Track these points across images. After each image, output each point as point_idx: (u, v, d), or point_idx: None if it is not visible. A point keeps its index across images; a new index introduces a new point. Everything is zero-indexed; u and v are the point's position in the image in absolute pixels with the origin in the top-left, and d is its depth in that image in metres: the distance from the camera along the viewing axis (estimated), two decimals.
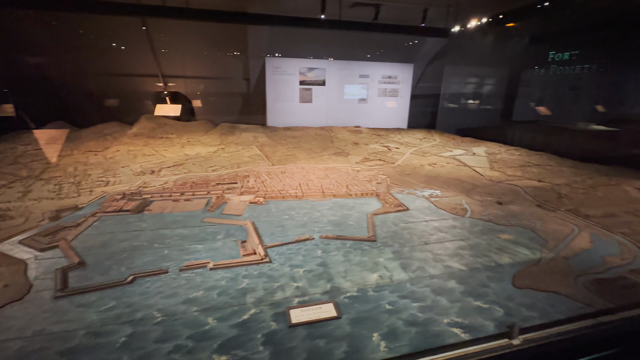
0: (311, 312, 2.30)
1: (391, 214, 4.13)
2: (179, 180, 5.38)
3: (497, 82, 11.02)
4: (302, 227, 3.72)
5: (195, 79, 10.93)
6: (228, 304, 2.38)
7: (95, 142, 7.68)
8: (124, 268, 2.82)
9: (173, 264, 2.90)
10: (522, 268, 2.89)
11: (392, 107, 12.13)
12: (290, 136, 9.52)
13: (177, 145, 7.90)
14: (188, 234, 3.50)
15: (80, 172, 5.58)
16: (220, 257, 3.04)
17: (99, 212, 3.95)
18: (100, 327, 2.12)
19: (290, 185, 5.13)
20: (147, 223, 3.74)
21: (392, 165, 6.77)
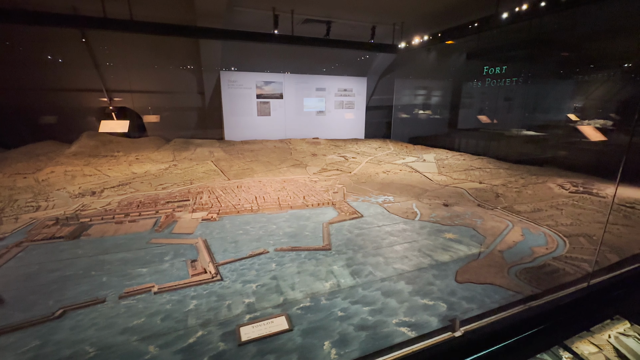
0: (262, 328, 2.24)
1: (346, 221, 4.22)
2: (124, 200, 5.02)
3: (442, 93, 11.97)
4: (257, 241, 3.65)
5: (146, 93, 10.42)
6: (173, 328, 2.24)
7: (25, 164, 6.92)
8: (52, 301, 2.54)
9: (112, 291, 2.68)
10: (464, 264, 3.11)
11: (349, 119, 12.55)
12: (248, 150, 9.40)
13: (123, 164, 7.39)
14: (131, 257, 3.26)
15: (4, 197, 4.97)
16: (167, 279, 2.87)
17: (26, 241, 3.53)
18: None
19: (246, 200, 5.04)
20: (83, 249, 3.43)
21: (348, 175, 6.95)
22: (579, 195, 5.22)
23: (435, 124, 11.80)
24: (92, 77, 9.56)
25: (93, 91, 9.76)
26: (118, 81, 9.95)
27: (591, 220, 4.19)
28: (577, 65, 8.25)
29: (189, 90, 10.85)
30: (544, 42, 8.72)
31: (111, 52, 9.61)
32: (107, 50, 9.52)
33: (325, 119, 12.22)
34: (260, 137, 11.11)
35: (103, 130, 9.04)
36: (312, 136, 11.74)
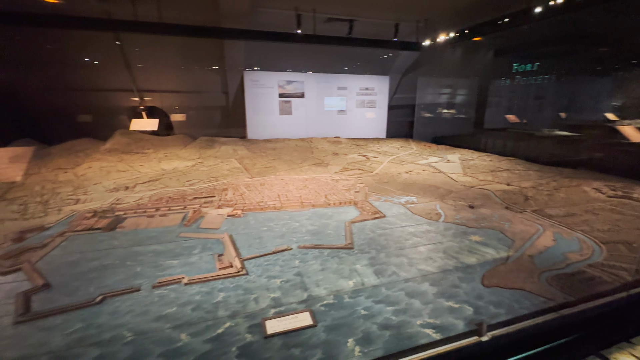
0: (287, 322, 2.30)
1: (368, 221, 4.21)
2: (154, 195, 5.27)
3: (468, 92, 11.61)
4: (280, 237, 3.72)
5: (173, 93, 10.84)
6: (202, 318, 2.35)
7: (66, 159, 7.41)
8: (93, 288, 2.72)
9: (146, 281, 2.83)
10: (490, 268, 3.03)
11: (370, 118, 12.47)
12: (270, 148, 9.56)
13: (153, 160, 7.74)
14: (163, 249, 3.43)
15: (48, 190, 5.36)
16: (196, 271, 2.99)
17: (68, 231, 3.80)
18: (65, 351, 2.04)
19: (269, 197, 5.14)
20: (119, 240, 3.64)
21: (370, 174, 6.92)
22: (618, 199, 4.92)
23: (460, 123, 11.47)
24: (125, 77, 10.06)
25: (125, 91, 10.28)
26: (147, 81, 10.42)
27: (631, 226, 3.95)
28: (617, 61, 7.74)
29: (213, 89, 11.18)
30: (580, 37, 8.25)
31: (141, 54, 10.07)
32: (137, 51, 9.98)
33: (347, 118, 12.20)
34: (281, 136, 11.27)
35: (134, 128, 9.51)
36: (333, 135, 11.76)
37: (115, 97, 10.26)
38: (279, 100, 11.33)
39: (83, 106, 9.88)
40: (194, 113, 11.10)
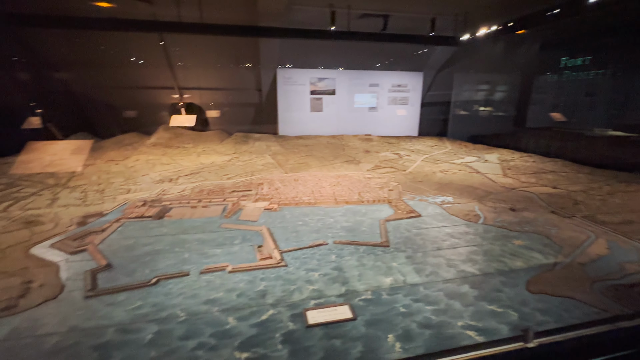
0: (327, 314, 2.38)
1: (403, 220, 4.18)
2: (196, 187, 5.59)
3: (508, 88, 10.99)
4: (316, 232, 3.81)
5: (210, 90, 11.31)
6: (247, 305, 2.49)
7: (116, 152, 8.04)
8: (148, 270, 2.97)
9: (193, 266, 3.04)
10: (536, 274, 2.90)
11: (402, 115, 12.22)
12: (302, 145, 9.71)
13: (193, 155, 8.18)
14: (207, 238, 3.65)
15: (104, 180, 5.87)
16: (238, 260, 3.16)
17: (123, 218, 4.15)
18: (129, 325, 2.26)
19: (304, 193, 5.25)
20: (167, 228, 3.92)
21: (403, 173, 6.82)
22: None
23: (499, 121, 10.89)
24: (167, 76, 10.65)
25: (167, 89, 10.89)
26: (186, 79, 10.95)
27: None
28: None
29: (247, 87, 11.51)
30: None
31: (182, 53, 10.59)
32: (178, 51, 10.52)
33: (378, 115, 12.05)
34: (312, 133, 11.38)
35: (173, 124, 10.09)
36: (363, 132, 11.68)
37: (158, 94, 10.92)
38: (310, 97, 11.43)
39: (130, 103, 10.62)
40: (229, 109, 11.52)
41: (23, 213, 4.27)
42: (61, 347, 2.05)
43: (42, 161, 6.21)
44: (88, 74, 9.93)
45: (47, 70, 9.51)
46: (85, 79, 9.96)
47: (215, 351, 2.03)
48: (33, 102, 8.70)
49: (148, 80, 10.72)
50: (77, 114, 9.84)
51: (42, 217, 4.14)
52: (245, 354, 2.01)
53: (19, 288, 2.62)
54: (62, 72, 9.78)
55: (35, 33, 8.80)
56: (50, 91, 9.50)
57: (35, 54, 9.09)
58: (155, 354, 2.01)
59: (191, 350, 2.04)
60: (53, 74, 9.69)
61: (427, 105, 12.52)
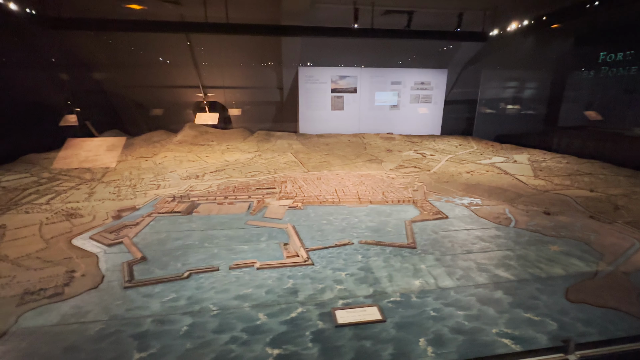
0: (356, 314, 2.36)
1: (430, 221, 4.09)
2: (221, 184, 5.72)
3: (540, 85, 10.48)
4: (341, 232, 3.81)
5: (232, 89, 11.52)
6: (276, 302, 2.52)
7: (146, 149, 8.37)
8: (180, 264, 3.07)
9: (223, 262, 3.11)
10: (576, 281, 2.75)
11: (425, 114, 11.95)
12: (324, 143, 9.71)
13: (217, 152, 8.37)
14: (234, 235, 3.72)
15: (135, 176, 6.13)
16: (265, 257, 3.20)
17: (154, 212, 4.32)
18: (165, 316, 2.34)
19: (327, 191, 5.26)
20: (196, 224, 4.04)
21: (427, 173, 6.67)
22: None
23: (530, 120, 10.41)
24: (192, 75, 10.94)
25: (192, 87, 11.19)
26: (210, 78, 11.21)
27: None
28: None
29: (269, 85, 11.63)
30: None
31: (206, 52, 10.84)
32: (203, 50, 10.77)
33: (399, 113, 11.85)
34: (332, 131, 11.35)
35: (198, 122, 10.36)
36: (385, 131, 11.52)
37: (184, 93, 11.25)
38: (331, 96, 11.40)
39: (158, 101, 11.02)
40: (250, 108, 11.69)
41: (64, 205, 4.54)
42: (104, 334, 2.16)
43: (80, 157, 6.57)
44: (120, 74, 10.39)
45: (84, 71, 10.02)
46: (117, 79, 10.44)
47: (248, 346, 2.07)
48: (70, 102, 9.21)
49: (175, 79, 11.07)
50: (110, 113, 10.35)
51: (81, 210, 4.37)
52: (277, 351, 2.03)
53: (63, 277, 2.78)
54: (97, 72, 10.29)
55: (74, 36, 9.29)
56: (86, 91, 10.02)
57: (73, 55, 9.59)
58: (191, 345, 2.07)
59: (224, 344, 2.09)
60: (88, 75, 10.21)
61: (451, 103, 12.17)
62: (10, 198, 4.77)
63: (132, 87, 10.67)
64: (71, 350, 2.02)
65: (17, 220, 4.03)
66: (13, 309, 2.37)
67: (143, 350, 2.03)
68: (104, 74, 10.36)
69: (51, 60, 9.11)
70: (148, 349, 2.04)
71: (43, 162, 6.69)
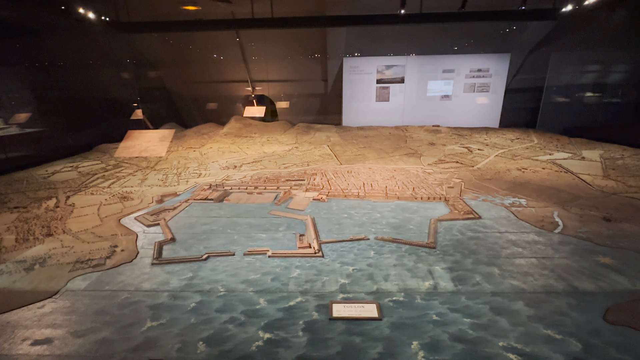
0: (353, 309, 2.36)
1: (459, 221, 3.84)
2: (255, 175, 6.05)
3: (626, 69, 8.83)
4: (359, 226, 3.78)
5: (278, 82, 11.92)
6: (278, 289, 2.63)
7: (195, 140, 9.17)
8: (202, 247, 3.37)
9: (239, 248, 3.33)
10: (619, 301, 2.36)
11: (481, 104, 10.96)
12: (362, 136, 9.57)
13: (257, 144, 8.81)
14: (255, 223, 3.94)
15: (182, 165, 6.79)
16: (279, 246, 3.34)
17: (191, 199, 4.76)
18: (179, 292, 2.62)
19: (354, 185, 5.22)
20: (224, 211, 4.35)
21: (470, 169, 6.19)
22: None
23: (610, 110, 8.88)
24: (241, 70, 11.58)
25: (241, 82, 11.85)
26: (258, 72, 11.73)
27: None
28: None
29: (314, 77, 11.75)
30: None
31: (255, 47, 11.35)
32: (253, 45, 11.30)
33: (451, 104, 11.05)
34: (376, 124, 11.09)
35: (247, 115, 10.97)
36: (432, 123, 10.89)
37: (234, 87, 11.98)
38: (376, 87, 11.10)
39: (210, 96, 11.93)
40: (295, 100, 11.97)
41: (120, 189, 5.25)
42: (128, 302, 2.51)
43: (139, 147, 7.49)
44: (178, 72, 11.47)
45: (149, 69, 11.30)
46: (176, 76, 11.55)
47: (243, 327, 2.22)
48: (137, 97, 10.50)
49: (226, 74, 11.83)
50: (169, 107, 11.54)
51: (133, 194, 5.02)
52: (268, 335, 2.14)
53: (107, 250, 3.27)
54: (159, 70, 11.51)
55: (141, 39, 10.51)
56: (150, 88, 11.30)
57: (140, 56, 10.86)
58: (195, 320, 2.30)
59: (223, 323, 2.27)
60: (153, 73, 11.48)
61: (512, 92, 10.94)
62: (82, 181, 5.68)
63: (189, 83, 11.72)
64: (100, 313, 2.39)
65: (83, 200, 4.79)
66: (66, 274, 2.87)
67: (155, 320, 2.30)
68: (165, 71, 11.55)
69: (124, 60, 10.44)
70: (159, 319, 2.31)
71: (112, 151, 7.77)
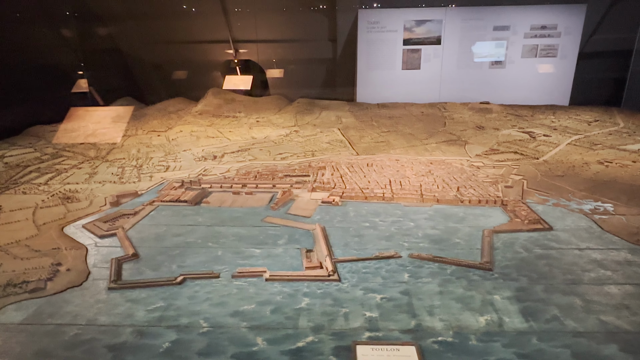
0: (384, 354, 2.34)
1: (522, 233, 3.86)
2: (242, 168, 6.06)
3: None
4: (386, 239, 3.78)
5: (271, 43, 11.82)
6: (282, 324, 2.62)
7: (159, 121, 9.19)
8: (175, 266, 3.36)
9: (226, 268, 3.32)
10: None
11: (546, 73, 10.91)
12: (386, 116, 9.58)
13: (244, 126, 8.82)
14: (246, 234, 3.94)
15: (143, 154, 6.82)
16: (280, 266, 3.33)
17: (157, 200, 4.77)
18: (147, 327, 2.60)
19: (377, 183, 5.23)
20: (203, 217, 4.35)
21: (534, 162, 6.27)
22: None
23: None
24: (221, 25, 11.49)
25: (220, 42, 11.77)
26: (244, 29, 11.63)
27: None
28: None
29: (318, 37, 11.68)
30: None
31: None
32: None
33: (505, 73, 11.00)
34: (403, 100, 11.05)
35: (227, 87, 10.94)
36: (479, 99, 10.84)
37: (210, 50, 11.93)
38: (403, 49, 11.04)
39: (178, 61, 11.87)
40: (294, 68, 11.89)
41: (62, 187, 5.27)
42: (79, 340, 2.50)
43: (85, 130, 7.50)
44: (135, 28, 11.41)
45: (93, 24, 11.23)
46: (131, 35, 11.49)
47: None
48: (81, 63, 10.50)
49: (200, 32, 11.74)
50: (123, 76, 11.52)
51: (79, 194, 5.03)
52: None
53: (48, 270, 3.26)
54: (108, 26, 11.45)
55: None
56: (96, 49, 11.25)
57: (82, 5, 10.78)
58: None
59: None
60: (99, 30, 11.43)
61: (589, 57, 10.85)
62: (11, 176, 5.70)
63: (150, 44, 11.66)
64: (42, 355, 2.38)
65: (13, 201, 4.80)
66: None
67: None
68: (118, 28, 11.49)
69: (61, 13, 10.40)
70: None
71: (49, 135, 7.79)
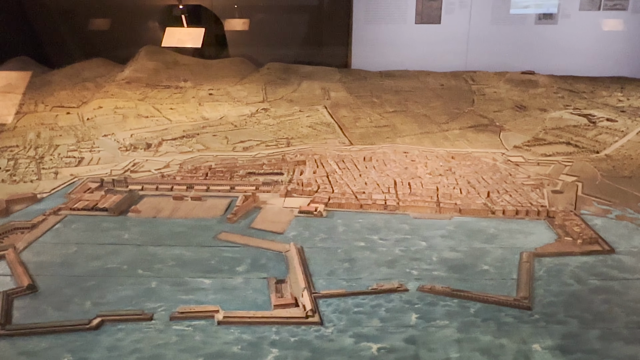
0: None
1: (574, 257, 3.95)
2: (187, 162, 6.00)
3: None
4: (388, 265, 3.81)
5: None
6: None
7: (70, 92, 9.04)
8: (90, 303, 3.34)
9: (162, 305, 3.31)
10: None
11: (612, 32, 11.21)
12: (390, 89, 9.62)
13: (191, 101, 8.73)
14: (191, 257, 3.92)
15: (45, 140, 6.70)
16: (238, 303, 3.33)
17: (65, 208, 4.70)
18: None
19: (378, 185, 5.26)
20: (130, 233, 4.32)
21: (593, 157, 6.38)
22: None
23: None
24: None
25: None
26: None
27: None
28: None
29: None
30: None
31: None
32: None
33: (557, 31, 11.27)
34: (414, 67, 11.17)
35: (168, 43, 10.77)
36: (521, 68, 11.04)
37: None
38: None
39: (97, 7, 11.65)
40: (263, 18, 11.85)
41: None
42: None
43: None
44: None
45: None
46: None
47: None
48: None
49: None
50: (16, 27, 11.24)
51: None
52: None
53: None
54: None
55: None
56: None
57: None
58: None
59: None
60: None
61: None
62: None
63: None
64: None
65: None
66: None
67: None
68: None
69: None
70: None
71: None
